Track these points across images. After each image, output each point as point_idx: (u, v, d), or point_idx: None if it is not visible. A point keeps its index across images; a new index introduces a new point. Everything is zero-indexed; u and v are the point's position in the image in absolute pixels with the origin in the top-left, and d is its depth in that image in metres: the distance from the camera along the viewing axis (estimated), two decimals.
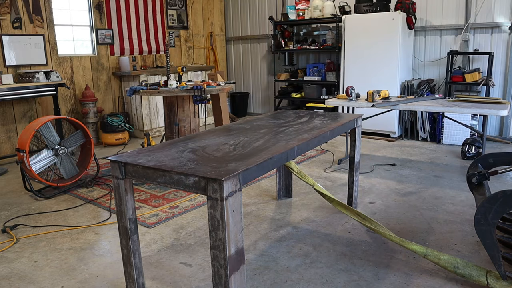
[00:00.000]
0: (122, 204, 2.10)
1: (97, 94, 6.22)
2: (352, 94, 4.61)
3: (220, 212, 1.66)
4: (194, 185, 1.74)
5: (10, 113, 5.29)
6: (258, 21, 7.86)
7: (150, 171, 1.89)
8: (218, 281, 1.74)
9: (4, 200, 3.87)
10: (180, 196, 3.81)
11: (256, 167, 1.87)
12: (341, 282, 2.37)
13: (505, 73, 5.50)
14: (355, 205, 3.38)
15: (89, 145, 4.18)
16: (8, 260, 2.74)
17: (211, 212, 1.69)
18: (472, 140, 4.81)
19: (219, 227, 1.68)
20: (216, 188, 1.65)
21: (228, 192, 1.66)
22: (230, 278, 1.72)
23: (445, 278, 2.37)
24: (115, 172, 2.05)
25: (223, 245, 1.68)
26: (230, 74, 8.49)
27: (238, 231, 1.74)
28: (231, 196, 1.68)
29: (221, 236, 1.68)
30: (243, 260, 1.79)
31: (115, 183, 2.08)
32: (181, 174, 1.77)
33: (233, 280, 1.73)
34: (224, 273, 1.71)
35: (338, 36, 6.50)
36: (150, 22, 6.88)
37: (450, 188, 3.83)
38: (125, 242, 2.15)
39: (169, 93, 4.14)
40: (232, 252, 1.71)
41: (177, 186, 1.81)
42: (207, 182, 1.68)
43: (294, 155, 2.22)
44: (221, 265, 1.72)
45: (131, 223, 2.12)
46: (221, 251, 1.70)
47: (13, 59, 5.22)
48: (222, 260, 1.71)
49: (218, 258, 1.71)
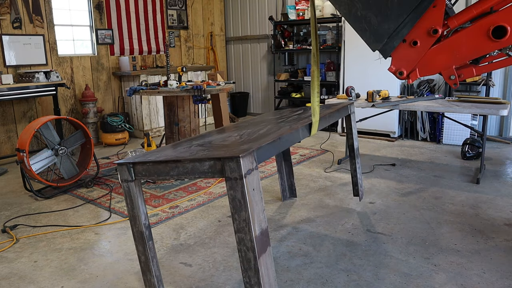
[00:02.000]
0: (134, 208, 2.04)
1: (97, 94, 6.22)
2: (352, 94, 4.61)
3: (241, 192, 1.61)
4: (210, 170, 1.70)
5: (10, 113, 5.29)
6: (258, 21, 7.85)
7: (161, 165, 1.86)
8: (247, 265, 1.66)
9: (4, 200, 3.87)
10: (180, 196, 3.81)
11: (268, 145, 1.86)
12: (341, 282, 2.37)
13: (505, 73, 5.50)
14: (361, 193, 3.35)
15: (89, 145, 4.18)
16: (8, 260, 2.74)
17: (231, 194, 1.64)
18: (472, 140, 4.81)
19: (241, 208, 1.63)
20: (233, 167, 1.61)
21: (246, 170, 1.63)
22: (259, 260, 1.65)
23: (445, 278, 2.37)
24: (124, 175, 1.99)
25: (248, 226, 1.63)
26: (230, 74, 8.49)
27: (260, 211, 1.69)
28: (249, 174, 1.64)
29: (244, 216, 1.63)
30: (268, 242, 1.73)
31: (125, 186, 2.02)
32: (195, 161, 1.73)
33: (262, 263, 1.67)
34: (252, 255, 1.64)
35: (338, 36, 6.50)
36: (150, 22, 6.88)
37: (450, 188, 3.83)
38: (142, 248, 2.10)
39: (169, 93, 4.14)
40: (257, 233, 1.66)
41: (192, 175, 1.77)
42: (224, 162, 1.64)
43: (299, 136, 2.25)
44: (248, 247, 1.65)
45: (145, 229, 2.07)
46: (246, 232, 1.64)
47: (13, 59, 5.22)
48: (249, 242, 1.64)
49: (244, 240, 1.65)
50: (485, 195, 3.62)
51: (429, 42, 1.85)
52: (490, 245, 2.75)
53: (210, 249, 2.80)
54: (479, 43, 1.78)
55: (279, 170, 3.58)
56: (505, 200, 3.50)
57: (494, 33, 1.73)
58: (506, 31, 1.70)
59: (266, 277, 1.68)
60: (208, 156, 1.70)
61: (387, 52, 1.92)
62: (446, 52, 1.85)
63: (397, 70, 1.94)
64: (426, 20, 1.80)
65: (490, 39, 1.74)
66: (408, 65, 1.92)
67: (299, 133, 2.27)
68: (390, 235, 2.92)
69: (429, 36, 1.83)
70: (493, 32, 1.73)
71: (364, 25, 1.89)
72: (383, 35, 1.87)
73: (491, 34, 1.73)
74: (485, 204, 3.43)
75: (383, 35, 1.87)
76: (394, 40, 1.88)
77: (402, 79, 1.96)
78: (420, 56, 1.88)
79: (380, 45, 1.91)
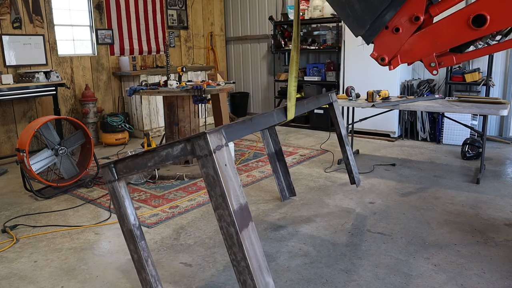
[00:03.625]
0: (121, 208, 2.08)
1: (97, 94, 6.21)
2: (352, 94, 4.61)
3: (212, 167, 1.65)
4: (182, 152, 1.76)
5: (10, 113, 5.29)
6: (258, 21, 7.85)
7: (139, 159, 1.92)
8: (231, 241, 1.66)
9: (4, 200, 3.87)
10: (180, 196, 3.81)
11: (238, 125, 1.93)
12: (341, 282, 2.36)
13: (505, 73, 5.50)
14: (357, 180, 3.31)
15: (89, 145, 4.18)
16: (8, 260, 2.74)
17: (204, 172, 1.68)
18: (472, 140, 4.81)
19: (215, 184, 1.66)
20: (202, 145, 1.67)
21: (215, 146, 1.68)
22: (241, 234, 1.65)
23: (445, 278, 2.37)
24: (107, 176, 2.06)
25: (225, 201, 1.64)
26: (230, 74, 8.49)
27: (236, 186, 1.70)
28: (219, 150, 1.69)
29: (219, 192, 1.65)
30: (250, 217, 1.73)
31: (110, 187, 2.07)
32: (167, 147, 1.81)
33: (245, 237, 1.66)
34: (233, 230, 1.64)
35: (338, 36, 6.50)
36: (150, 22, 6.88)
37: (450, 188, 3.83)
38: (133, 247, 2.11)
39: (169, 93, 4.14)
40: (235, 207, 1.66)
41: (168, 161, 1.82)
42: (193, 142, 1.70)
43: (274, 120, 2.32)
44: (229, 223, 1.65)
45: (135, 227, 2.09)
46: (224, 208, 1.65)
47: (13, 59, 5.22)
48: (228, 217, 1.65)
49: (224, 216, 1.66)
50: (485, 195, 3.62)
51: (411, 29, 1.86)
52: (490, 245, 2.75)
53: (210, 249, 2.80)
54: (459, 31, 1.79)
55: (274, 171, 3.58)
56: (505, 200, 3.50)
57: (474, 21, 1.74)
58: (485, 19, 1.71)
59: (251, 251, 1.67)
60: (178, 140, 1.77)
61: (369, 38, 1.95)
62: (427, 40, 1.87)
63: (379, 56, 1.96)
64: (409, 7, 1.82)
65: (470, 27, 1.75)
66: (390, 52, 1.94)
67: (273, 116, 2.34)
68: (390, 235, 2.92)
69: (411, 23, 1.84)
70: (473, 20, 1.74)
71: (348, 10, 1.91)
72: (366, 21, 1.89)
73: (471, 23, 1.74)
74: (485, 204, 3.43)
75: (366, 21, 1.89)
76: (377, 26, 1.90)
77: (384, 65, 1.98)
78: (402, 43, 1.90)
79: (363, 31, 1.92)
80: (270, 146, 3.56)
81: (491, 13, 1.70)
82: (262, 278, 1.66)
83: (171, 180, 4.23)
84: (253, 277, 1.63)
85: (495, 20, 1.71)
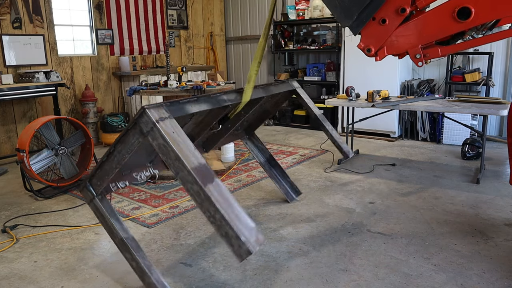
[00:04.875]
0: (107, 221, 2.11)
1: (97, 94, 6.21)
2: (352, 94, 4.62)
3: (160, 136, 1.68)
4: (135, 137, 1.82)
5: (10, 113, 5.29)
6: (258, 21, 7.85)
7: (105, 164, 1.95)
8: (199, 199, 1.61)
9: (4, 200, 3.87)
10: (180, 196, 3.81)
11: (183, 103, 1.97)
12: (341, 282, 2.37)
13: (505, 73, 5.50)
14: (348, 152, 3.05)
15: (89, 145, 4.18)
16: (8, 260, 2.74)
17: (156, 144, 1.71)
18: (472, 140, 4.81)
19: (168, 150, 1.67)
20: (145, 120, 1.73)
21: (158, 117, 1.71)
22: (206, 188, 1.60)
23: (445, 278, 2.38)
24: (87, 196, 2.10)
25: (181, 162, 1.63)
26: (230, 74, 8.49)
27: (189, 149, 1.69)
28: (163, 121, 1.72)
29: (173, 156, 1.65)
30: (212, 174, 1.68)
31: (93, 207, 2.10)
32: (122, 137, 1.86)
33: (211, 190, 1.60)
34: (197, 186, 1.60)
35: (338, 36, 6.50)
36: (150, 22, 6.88)
37: (450, 188, 3.83)
38: (129, 255, 2.12)
39: (169, 93, 4.14)
40: (193, 165, 1.64)
41: (129, 152, 1.86)
42: (139, 123, 1.75)
43: (224, 99, 2.33)
44: (191, 181, 1.61)
45: (125, 234, 2.11)
46: (182, 169, 1.63)
47: (13, 59, 5.22)
48: (188, 176, 1.62)
49: (185, 177, 1.63)
50: (485, 195, 3.62)
51: (397, 21, 1.88)
52: (490, 245, 2.75)
53: (210, 249, 2.80)
54: (445, 23, 1.81)
55: (272, 177, 3.54)
56: (505, 200, 3.50)
57: (459, 14, 1.76)
58: (470, 12, 1.73)
59: (223, 202, 1.59)
60: (125, 128, 1.82)
61: (356, 29, 1.97)
62: (413, 31, 1.89)
63: (365, 47, 1.98)
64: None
65: (455, 20, 1.77)
66: (376, 43, 1.96)
67: (222, 96, 2.34)
68: (390, 235, 2.92)
69: (397, 14, 1.86)
70: (458, 13, 1.75)
71: (335, 1, 1.93)
72: (353, 12, 1.91)
73: (456, 15, 1.76)
74: (485, 204, 3.43)
75: (353, 12, 1.91)
76: (364, 17, 1.92)
77: (370, 56, 2.00)
78: (388, 34, 1.92)
79: (350, 21, 1.94)
80: (258, 156, 3.53)
81: (476, 6, 1.73)
82: (241, 225, 1.56)
83: (171, 180, 4.23)
84: (232, 226, 1.54)
85: (479, 13, 1.73)
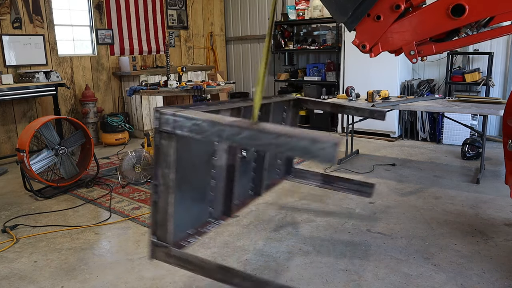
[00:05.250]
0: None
1: (97, 94, 6.21)
2: (352, 94, 4.62)
3: (185, 119, 1.57)
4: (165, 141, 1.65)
5: (10, 113, 5.29)
6: (258, 21, 7.85)
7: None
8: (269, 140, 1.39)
9: (4, 200, 3.87)
10: None
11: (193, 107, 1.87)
12: (341, 282, 2.37)
13: (505, 73, 5.50)
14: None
15: (89, 145, 4.18)
16: (8, 260, 2.74)
17: (186, 131, 1.58)
18: (472, 140, 4.81)
19: (200, 126, 1.53)
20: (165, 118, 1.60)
21: (173, 111, 1.61)
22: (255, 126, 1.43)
23: (445, 278, 2.38)
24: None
25: (219, 124, 1.50)
26: (230, 74, 8.49)
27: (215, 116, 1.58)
28: (179, 112, 1.62)
29: (207, 125, 1.51)
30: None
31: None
32: (156, 160, 1.71)
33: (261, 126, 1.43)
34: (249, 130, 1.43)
35: (338, 36, 6.50)
36: (150, 22, 6.88)
37: (450, 188, 3.83)
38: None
39: (169, 93, 4.14)
40: (229, 120, 1.54)
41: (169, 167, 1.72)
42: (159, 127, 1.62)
43: None
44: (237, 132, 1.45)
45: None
46: (223, 129, 1.50)
47: (13, 59, 5.22)
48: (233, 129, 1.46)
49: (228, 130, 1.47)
50: (485, 195, 3.62)
51: (392, 17, 1.89)
52: (490, 245, 2.75)
53: (210, 249, 2.80)
54: (439, 20, 1.82)
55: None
56: (505, 200, 3.50)
57: (453, 11, 1.76)
58: (464, 9, 1.74)
59: (277, 128, 1.44)
60: (155, 146, 1.70)
61: (351, 25, 1.97)
62: (407, 28, 1.90)
63: (360, 43, 1.99)
64: None
65: (449, 17, 1.78)
66: (371, 39, 1.97)
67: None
68: (390, 235, 2.92)
69: (392, 11, 1.87)
70: (453, 10, 1.76)
71: None
72: (348, 8, 1.92)
73: (450, 12, 1.77)
74: (485, 204, 3.43)
75: (348, 9, 1.92)
76: (359, 13, 1.92)
77: (365, 52, 2.00)
78: (383, 30, 1.93)
79: (345, 18, 1.95)
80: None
81: (470, 3, 1.73)
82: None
83: None
84: (306, 135, 1.35)
85: (473, 10, 1.74)
